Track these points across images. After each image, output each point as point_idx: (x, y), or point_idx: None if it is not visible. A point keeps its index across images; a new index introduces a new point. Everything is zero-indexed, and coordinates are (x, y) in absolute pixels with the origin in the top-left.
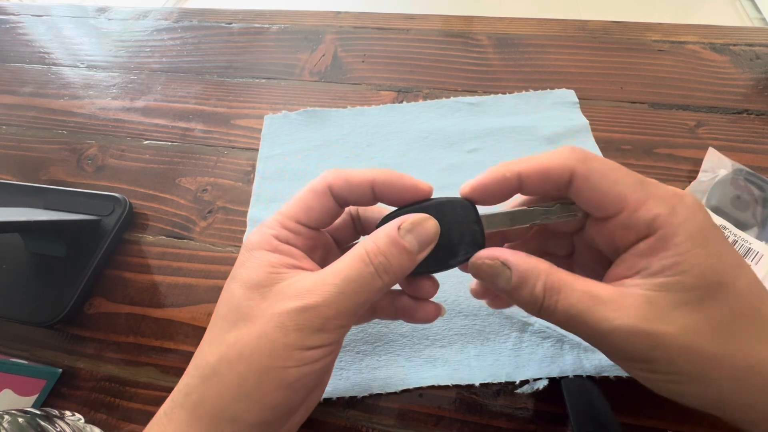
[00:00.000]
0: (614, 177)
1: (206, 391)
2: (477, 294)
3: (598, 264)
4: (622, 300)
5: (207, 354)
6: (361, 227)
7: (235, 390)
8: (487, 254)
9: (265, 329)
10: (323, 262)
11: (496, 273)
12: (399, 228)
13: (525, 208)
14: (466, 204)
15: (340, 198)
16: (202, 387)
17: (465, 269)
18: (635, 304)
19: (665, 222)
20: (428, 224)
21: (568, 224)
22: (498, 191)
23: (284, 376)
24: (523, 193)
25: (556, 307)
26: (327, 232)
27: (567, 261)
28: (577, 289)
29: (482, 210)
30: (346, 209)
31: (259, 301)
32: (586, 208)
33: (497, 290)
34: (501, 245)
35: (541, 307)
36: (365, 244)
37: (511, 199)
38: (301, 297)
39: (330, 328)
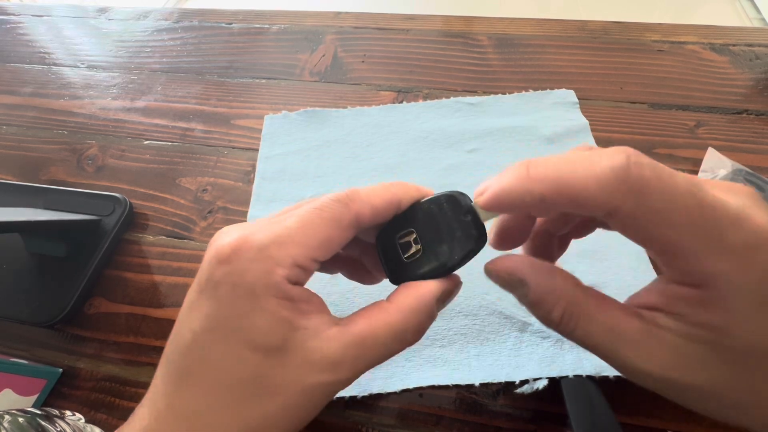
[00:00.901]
0: (670, 220)
1: None
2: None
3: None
4: (649, 342)
5: (228, 425)
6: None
7: None
8: (504, 267)
9: (296, 402)
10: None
11: (512, 286)
12: (437, 300)
13: None
14: (453, 196)
15: (364, 225)
16: None
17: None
18: (665, 351)
19: (728, 283)
20: (458, 290)
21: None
22: (514, 210)
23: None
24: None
25: (572, 334)
26: None
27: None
28: (599, 321)
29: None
30: None
31: (280, 368)
32: (626, 236)
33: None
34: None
35: (557, 329)
36: (407, 321)
37: None
38: (330, 370)
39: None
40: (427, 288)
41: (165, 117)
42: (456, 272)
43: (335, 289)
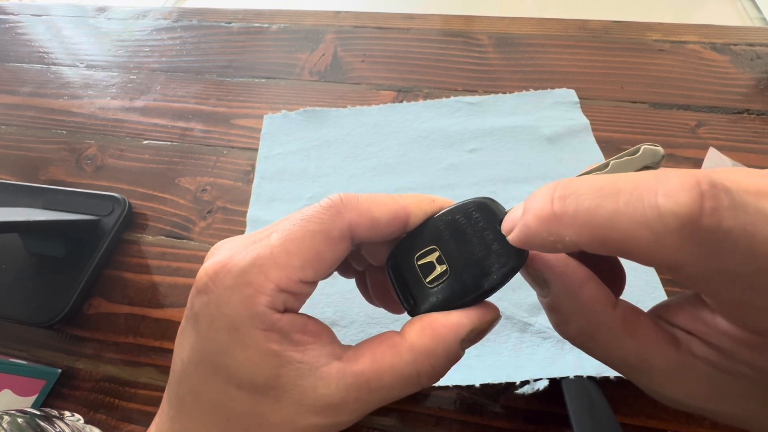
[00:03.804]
0: (755, 284)
1: None
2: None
3: None
4: (683, 374)
5: None
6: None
7: None
8: (532, 260)
9: None
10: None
11: (535, 282)
12: (462, 340)
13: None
14: (483, 203)
15: (362, 240)
16: None
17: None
18: (700, 383)
19: None
20: (494, 325)
21: None
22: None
23: None
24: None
25: (589, 351)
26: None
27: None
28: (627, 347)
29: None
30: None
31: (271, 407)
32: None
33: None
34: None
35: (571, 342)
36: (419, 364)
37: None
38: (327, 413)
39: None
40: (449, 326)
41: (164, 117)
42: (489, 298)
43: (334, 290)
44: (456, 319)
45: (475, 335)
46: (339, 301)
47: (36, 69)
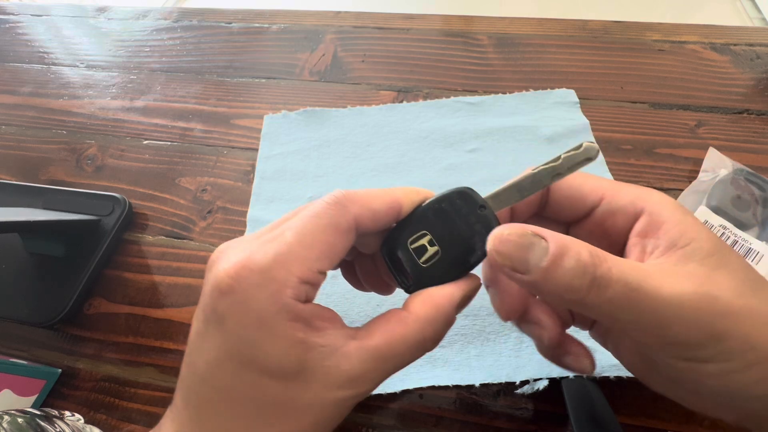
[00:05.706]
0: (582, 177)
1: None
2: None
3: None
4: (669, 270)
5: None
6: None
7: None
8: (515, 227)
9: (317, 420)
10: None
11: (528, 245)
12: (456, 306)
13: (530, 172)
14: (465, 192)
15: (363, 230)
16: None
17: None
18: (683, 273)
19: (646, 199)
20: (477, 291)
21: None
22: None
23: None
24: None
25: (611, 276)
26: None
27: None
28: (623, 260)
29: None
30: None
31: (300, 390)
32: (568, 208)
33: (525, 274)
34: None
35: (593, 278)
36: (425, 331)
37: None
38: (350, 386)
39: None
40: (446, 296)
41: (164, 117)
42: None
43: (334, 290)
44: (450, 291)
45: (465, 301)
46: (339, 301)
47: (36, 69)
